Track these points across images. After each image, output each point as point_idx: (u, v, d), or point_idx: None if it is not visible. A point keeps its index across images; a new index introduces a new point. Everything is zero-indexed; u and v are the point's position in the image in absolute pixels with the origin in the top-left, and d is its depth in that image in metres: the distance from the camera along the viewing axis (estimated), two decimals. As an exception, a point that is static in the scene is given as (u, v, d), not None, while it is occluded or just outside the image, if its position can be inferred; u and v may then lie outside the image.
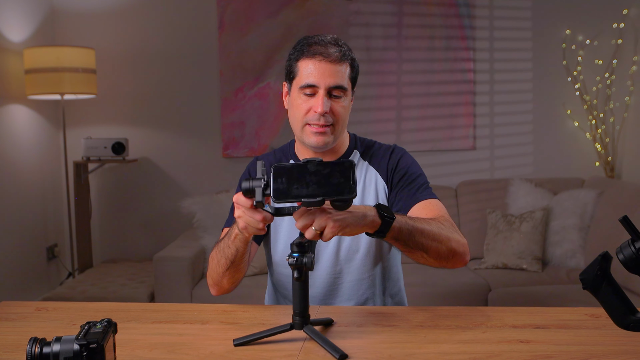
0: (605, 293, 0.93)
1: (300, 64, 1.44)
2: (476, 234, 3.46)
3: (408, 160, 1.55)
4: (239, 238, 1.31)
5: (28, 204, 3.51)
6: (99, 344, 0.92)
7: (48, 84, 3.32)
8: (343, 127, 1.48)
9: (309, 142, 1.46)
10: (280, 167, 1.10)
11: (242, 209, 1.19)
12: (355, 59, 1.48)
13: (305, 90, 1.43)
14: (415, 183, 1.50)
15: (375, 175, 1.54)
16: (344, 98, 1.45)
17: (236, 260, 1.37)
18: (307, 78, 1.42)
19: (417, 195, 1.48)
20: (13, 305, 1.49)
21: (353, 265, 1.52)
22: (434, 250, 1.31)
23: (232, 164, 3.86)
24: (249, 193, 1.13)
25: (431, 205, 1.46)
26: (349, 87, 1.47)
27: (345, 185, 1.08)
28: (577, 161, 3.87)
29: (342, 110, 1.45)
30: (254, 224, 1.19)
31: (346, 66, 1.44)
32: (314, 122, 1.43)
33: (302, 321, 1.16)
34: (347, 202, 1.10)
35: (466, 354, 1.11)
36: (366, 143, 1.60)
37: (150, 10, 3.81)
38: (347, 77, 1.45)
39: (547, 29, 3.82)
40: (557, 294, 2.89)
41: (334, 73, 1.41)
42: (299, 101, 1.45)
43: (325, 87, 1.41)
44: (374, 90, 3.83)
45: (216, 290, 1.49)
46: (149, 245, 3.86)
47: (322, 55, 1.41)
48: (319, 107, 1.41)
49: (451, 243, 1.33)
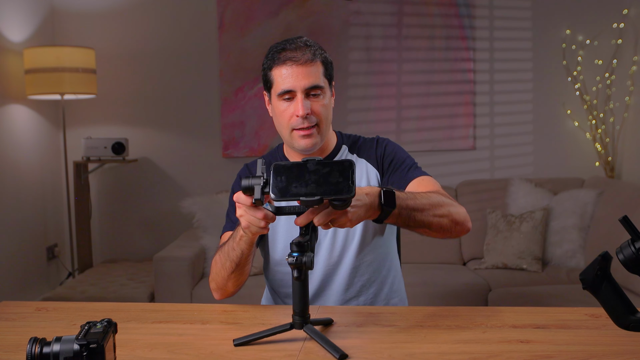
0: (605, 293, 0.94)
1: (273, 72, 1.47)
2: (476, 234, 3.46)
3: (394, 146, 1.60)
4: (244, 239, 1.33)
5: (28, 204, 3.51)
6: (99, 344, 0.92)
7: (48, 84, 3.32)
8: (327, 125, 1.51)
9: (298, 145, 1.49)
10: (280, 166, 1.11)
11: (243, 208, 1.20)
12: (327, 57, 1.50)
13: (283, 96, 1.46)
14: (404, 164, 1.55)
15: (365, 165, 1.58)
16: (322, 96, 1.47)
17: (241, 263, 1.39)
18: (282, 84, 1.45)
19: (408, 175, 1.52)
20: (13, 305, 1.49)
21: (349, 254, 1.54)
22: (437, 225, 1.35)
23: (232, 164, 3.86)
24: (248, 191, 1.14)
25: (424, 181, 1.50)
26: (326, 85, 1.49)
27: (344, 185, 1.08)
28: (577, 161, 3.86)
29: (322, 108, 1.47)
30: (255, 222, 1.20)
31: (318, 65, 1.46)
32: (299, 127, 1.46)
33: (302, 321, 1.16)
34: (345, 201, 1.10)
35: (466, 354, 1.11)
36: (352, 138, 1.64)
37: (150, 10, 3.81)
38: (321, 76, 1.47)
39: (547, 29, 3.82)
40: (557, 294, 2.89)
41: (307, 74, 1.44)
42: (280, 108, 1.48)
43: (301, 89, 1.44)
44: (374, 90, 3.82)
45: (220, 294, 1.50)
46: (149, 245, 3.86)
47: (292, 60, 1.44)
48: (300, 110, 1.44)
49: (452, 215, 1.37)
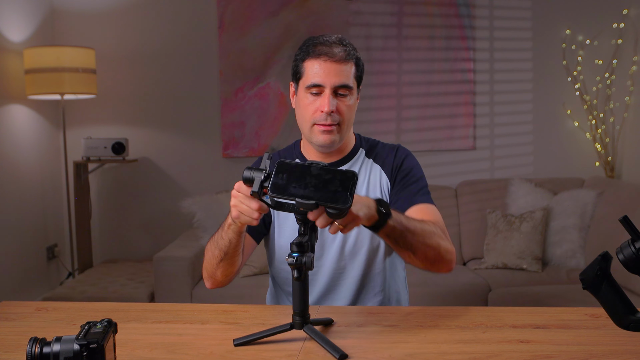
0: (605, 293, 0.94)
1: (306, 64, 1.46)
2: (476, 234, 3.46)
3: (412, 162, 1.58)
4: (232, 228, 1.32)
5: (28, 204, 3.51)
6: (99, 344, 0.92)
7: (48, 84, 3.32)
8: (349, 125, 1.51)
9: (317, 140, 1.48)
10: (285, 164, 1.12)
11: (239, 198, 1.21)
12: (360, 58, 1.51)
13: (311, 89, 1.46)
14: (415, 185, 1.53)
15: (379, 171, 1.57)
16: (349, 97, 1.47)
17: (229, 252, 1.39)
18: (313, 78, 1.44)
19: (415, 198, 1.50)
20: (13, 305, 1.49)
21: (357, 261, 1.53)
22: (422, 253, 1.34)
23: (232, 164, 3.86)
24: (248, 182, 1.15)
25: (428, 210, 1.48)
26: (355, 86, 1.49)
27: (342, 195, 1.08)
28: (577, 161, 3.86)
29: (347, 109, 1.47)
30: (248, 212, 1.20)
31: (351, 65, 1.46)
32: (321, 122, 1.45)
33: (302, 321, 1.16)
34: (340, 211, 1.09)
35: (466, 354, 1.11)
36: (370, 142, 1.63)
37: (150, 10, 3.81)
38: (352, 76, 1.47)
39: (547, 29, 3.82)
40: (557, 294, 2.89)
41: (339, 72, 1.44)
42: (306, 101, 1.47)
43: (330, 86, 1.44)
44: (374, 90, 3.82)
45: (210, 283, 1.50)
46: (149, 245, 3.86)
47: (327, 55, 1.44)
48: (325, 106, 1.43)
49: (440, 249, 1.37)
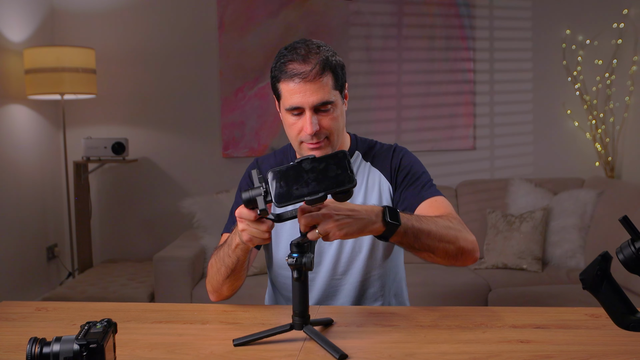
0: (605, 293, 0.93)
1: (281, 86, 1.40)
2: (476, 234, 3.40)
3: (411, 159, 1.53)
4: (240, 248, 1.30)
5: (28, 204, 3.51)
6: (99, 344, 0.92)
7: (48, 84, 3.32)
8: (339, 135, 1.45)
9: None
10: (277, 172, 1.10)
11: (245, 222, 1.18)
12: (336, 63, 1.41)
13: (292, 111, 1.40)
14: (419, 181, 1.49)
15: (379, 176, 1.53)
16: (332, 110, 1.40)
17: (237, 269, 1.37)
18: (290, 100, 1.38)
19: (422, 194, 1.46)
20: (13, 305, 1.49)
21: (355, 267, 1.51)
22: (442, 250, 1.30)
23: (232, 164, 3.86)
24: (250, 204, 1.13)
25: (437, 202, 1.44)
26: (337, 96, 1.41)
27: (344, 176, 1.08)
28: (577, 161, 3.86)
29: (332, 122, 1.41)
30: (259, 234, 1.18)
31: (327, 78, 1.38)
32: (308, 141, 1.41)
33: (302, 321, 1.16)
34: (348, 192, 1.10)
35: (466, 354, 1.11)
36: (367, 144, 1.58)
37: (150, 10, 3.81)
38: (331, 89, 1.38)
39: (547, 29, 3.82)
40: (557, 294, 2.89)
41: (315, 91, 1.36)
42: (289, 121, 1.42)
43: (309, 107, 1.38)
44: (374, 90, 3.82)
45: (215, 297, 1.48)
46: (149, 245, 3.86)
47: (299, 76, 1.36)
48: (308, 129, 1.38)
49: (459, 242, 1.32)
